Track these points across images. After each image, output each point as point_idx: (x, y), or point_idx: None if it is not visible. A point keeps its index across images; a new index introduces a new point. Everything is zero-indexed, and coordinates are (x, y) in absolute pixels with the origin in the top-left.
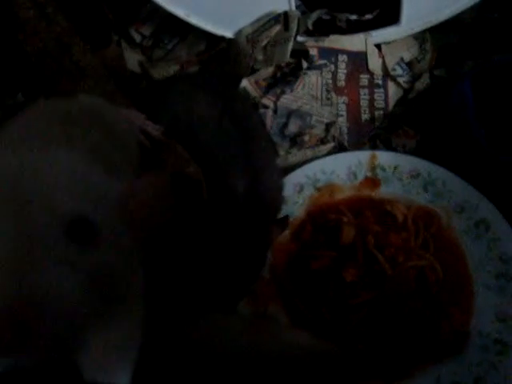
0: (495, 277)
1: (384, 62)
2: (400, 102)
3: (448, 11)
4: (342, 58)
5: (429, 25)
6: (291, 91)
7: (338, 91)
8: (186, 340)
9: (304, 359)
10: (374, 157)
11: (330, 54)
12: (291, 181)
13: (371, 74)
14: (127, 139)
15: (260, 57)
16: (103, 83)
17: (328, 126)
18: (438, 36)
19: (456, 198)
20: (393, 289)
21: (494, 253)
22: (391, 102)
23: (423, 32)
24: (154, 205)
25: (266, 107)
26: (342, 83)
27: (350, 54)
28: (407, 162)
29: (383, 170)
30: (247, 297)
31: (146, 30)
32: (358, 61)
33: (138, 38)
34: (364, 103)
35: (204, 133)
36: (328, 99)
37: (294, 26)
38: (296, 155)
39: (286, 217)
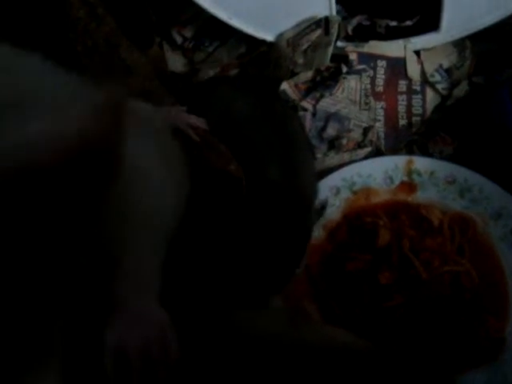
0: None
1: (423, 69)
2: (438, 109)
3: (488, 19)
4: (381, 63)
5: (468, 32)
6: (330, 95)
7: (377, 96)
8: (235, 331)
9: (345, 353)
10: (410, 162)
11: (370, 59)
12: (328, 183)
13: (409, 80)
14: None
15: (300, 60)
16: (149, 81)
17: (366, 131)
18: (478, 43)
19: (492, 204)
20: (427, 293)
21: None
22: (429, 109)
23: (462, 39)
24: None
25: (305, 110)
26: (380, 88)
27: (388, 59)
28: (444, 168)
29: (419, 175)
30: (281, 294)
31: (188, 33)
32: (397, 67)
33: (179, 40)
34: (402, 109)
35: (244, 131)
36: (366, 104)
37: (334, 30)
38: (333, 158)
39: (324, 205)
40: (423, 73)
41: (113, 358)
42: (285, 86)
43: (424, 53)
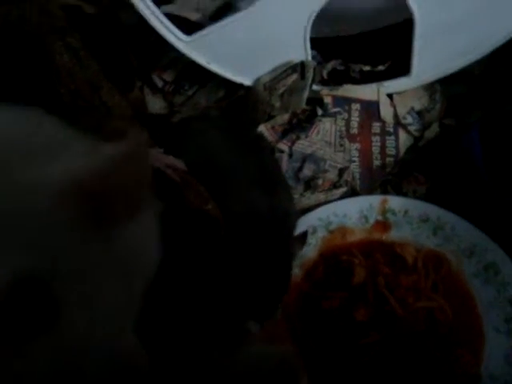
0: (505, 320)
1: (395, 111)
2: (411, 150)
3: (456, 64)
4: (356, 106)
5: (438, 76)
6: (306, 137)
7: (351, 138)
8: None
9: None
10: (384, 201)
11: (344, 102)
12: (305, 223)
13: (383, 122)
14: None
15: (277, 104)
16: (129, 123)
17: (341, 171)
18: (448, 87)
19: (465, 242)
20: (403, 329)
21: (504, 296)
22: (402, 149)
23: (433, 83)
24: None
25: (281, 151)
26: (354, 130)
27: (362, 102)
28: (417, 207)
29: (394, 214)
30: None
31: (168, 76)
32: (371, 109)
33: (160, 83)
34: (376, 150)
35: (222, 163)
36: (341, 145)
37: (309, 75)
38: (310, 198)
39: (305, 232)
40: (396, 115)
41: None
42: (262, 128)
43: (396, 96)
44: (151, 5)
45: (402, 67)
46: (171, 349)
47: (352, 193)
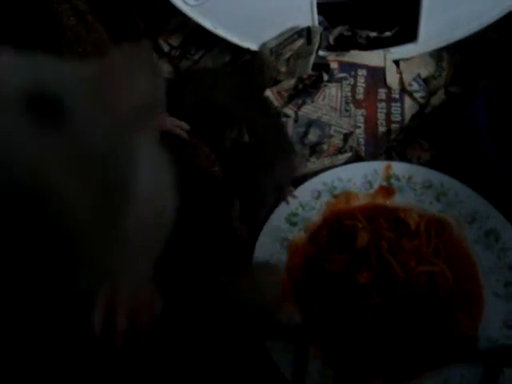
0: (504, 285)
1: (401, 78)
2: (416, 116)
3: (463, 31)
4: (362, 72)
5: (445, 43)
6: (312, 102)
7: (357, 104)
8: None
9: None
10: (389, 167)
11: (350, 68)
12: (309, 187)
13: (389, 88)
14: None
15: (283, 69)
16: None
17: (346, 137)
18: (455, 54)
19: (467, 208)
20: (404, 292)
21: (504, 262)
22: (407, 116)
23: (440, 50)
24: (135, 81)
25: (287, 116)
26: (360, 96)
27: (369, 68)
28: (421, 173)
29: (398, 179)
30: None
31: (175, 41)
32: (377, 76)
33: (166, 48)
34: (381, 116)
35: (225, 113)
36: (347, 111)
37: (316, 40)
38: (315, 163)
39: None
40: (402, 82)
41: (101, 317)
42: (268, 93)
43: (403, 63)
44: None
45: (408, 33)
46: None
47: (357, 158)
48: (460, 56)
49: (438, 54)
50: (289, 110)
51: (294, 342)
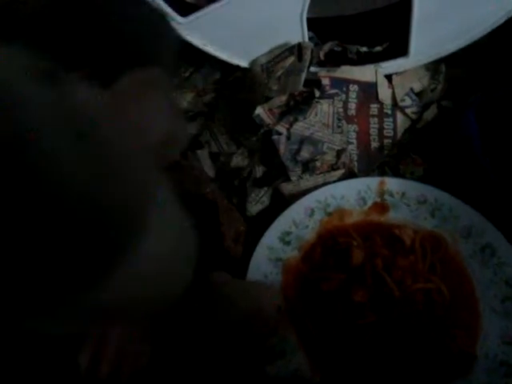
0: (501, 300)
1: (393, 93)
2: (408, 131)
3: (454, 44)
4: (353, 88)
5: (436, 57)
6: (304, 119)
7: (349, 119)
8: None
9: None
10: (382, 183)
11: (342, 84)
12: (303, 205)
13: (381, 103)
14: None
15: (274, 86)
16: None
17: (339, 153)
18: (449, 68)
19: (462, 223)
20: (400, 310)
21: (500, 277)
22: (400, 131)
23: (437, 63)
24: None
25: (279, 134)
26: (352, 112)
27: (360, 84)
28: (415, 189)
29: (391, 195)
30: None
31: None
32: (369, 91)
33: None
34: (373, 132)
35: None
36: (339, 127)
37: (307, 57)
38: (308, 180)
39: None
40: (394, 97)
41: (86, 362)
42: (259, 110)
43: (395, 77)
44: None
45: (399, 48)
46: None
47: (350, 175)
48: (453, 69)
49: (434, 67)
50: (281, 128)
51: None
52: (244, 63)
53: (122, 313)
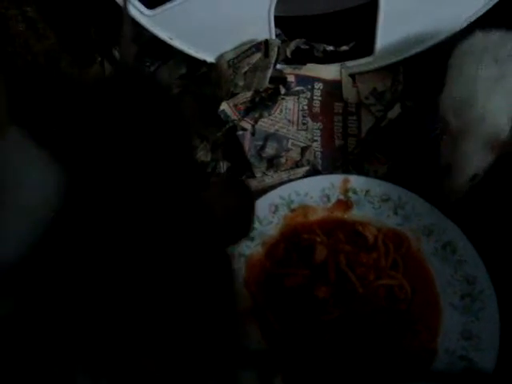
0: (461, 297)
1: (358, 91)
2: (372, 130)
3: (419, 46)
4: (318, 85)
5: (400, 57)
6: (269, 115)
7: (314, 117)
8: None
9: None
10: (346, 180)
11: (307, 81)
12: (266, 201)
13: (345, 102)
14: None
15: (240, 82)
16: None
17: (303, 150)
18: (411, 68)
19: (424, 221)
20: (363, 306)
21: (460, 274)
22: (364, 130)
23: (397, 64)
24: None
25: (244, 129)
26: (317, 109)
27: (325, 82)
28: (378, 186)
29: (355, 193)
30: None
31: None
32: (333, 89)
33: None
34: (338, 129)
35: None
36: (304, 124)
37: (273, 54)
38: (272, 177)
39: None
40: (358, 95)
41: None
42: (224, 106)
43: (359, 76)
44: None
45: (365, 48)
46: None
47: (314, 172)
48: (416, 70)
49: (394, 68)
50: (246, 124)
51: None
52: (210, 58)
53: None
